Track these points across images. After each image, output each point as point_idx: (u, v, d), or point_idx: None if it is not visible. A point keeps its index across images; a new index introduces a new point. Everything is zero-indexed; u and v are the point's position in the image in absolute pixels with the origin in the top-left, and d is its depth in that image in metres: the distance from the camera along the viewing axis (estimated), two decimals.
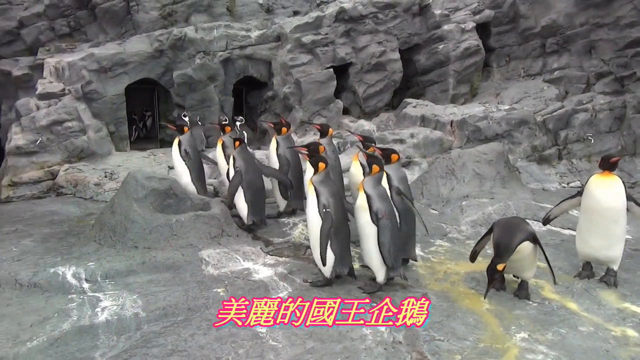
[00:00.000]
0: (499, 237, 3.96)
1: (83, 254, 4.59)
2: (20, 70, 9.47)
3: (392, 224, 4.07)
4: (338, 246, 4.15)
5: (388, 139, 8.79)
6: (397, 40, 10.68)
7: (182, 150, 6.34)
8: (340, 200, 4.26)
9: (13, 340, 3.22)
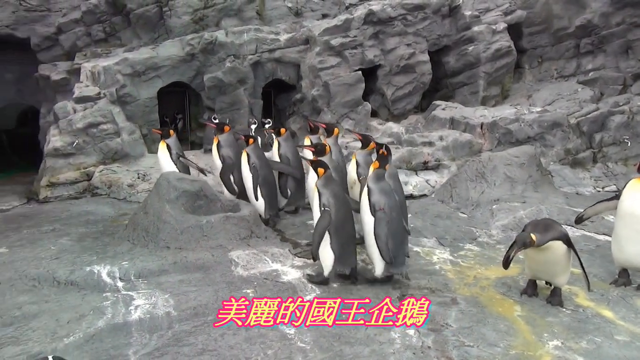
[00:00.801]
0: (532, 230, 3.83)
1: (117, 254, 4.72)
2: (58, 74, 9.78)
3: (391, 218, 4.12)
4: (338, 245, 4.21)
5: (417, 142, 8.73)
6: (426, 42, 10.60)
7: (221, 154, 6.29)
8: (342, 200, 4.33)
9: (51, 336, 3.34)
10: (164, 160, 6.41)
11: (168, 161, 6.40)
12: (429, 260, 4.98)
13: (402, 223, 4.42)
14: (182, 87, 10.08)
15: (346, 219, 4.31)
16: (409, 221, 6.18)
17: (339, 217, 4.22)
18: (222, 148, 6.23)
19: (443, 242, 5.52)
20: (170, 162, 6.41)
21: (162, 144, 6.46)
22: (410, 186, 7.71)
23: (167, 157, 6.40)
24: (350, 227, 4.36)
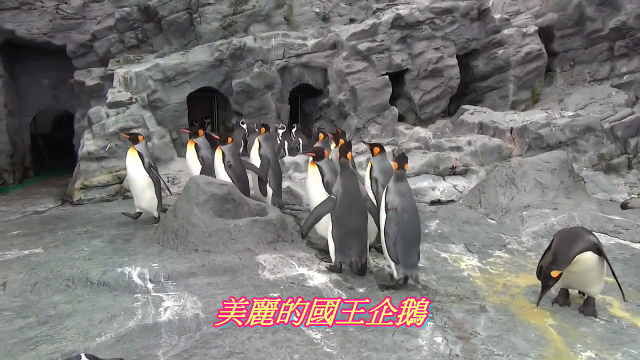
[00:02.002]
0: (558, 244, 3.78)
1: (147, 255, 4.81)
2: (92, 80, 10.07)
3: (402, 219, 4.16)
4: (337, 236, 4.46)
5: (444, 147, 8.64)
6: (455, 46, 10.50)
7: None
8: (351, 194, 4.45)
9: (84, 335, 3.42)
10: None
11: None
12: (456, 267, 4.91)
13: (415, 226, 4.34)
14: (210, 92, 10.25)
15: (350, 212, 4.45)
16: (437, 227, 6.16)
17: (342, 208, 4.42)
18: (201, 150, 6.57)
19: (471, 248, 5.44)
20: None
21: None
22: (437, 191, 7.63)
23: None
24: (355, 222, 4.48)
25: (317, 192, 4.99)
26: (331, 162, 5.09)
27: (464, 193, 7.63)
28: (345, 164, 4.66)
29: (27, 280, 4.31)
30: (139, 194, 6.12)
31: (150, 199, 6.15)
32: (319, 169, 4.99)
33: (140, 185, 6.08)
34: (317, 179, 4.99)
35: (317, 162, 5.04)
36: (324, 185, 4.88)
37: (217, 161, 6.35)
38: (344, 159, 4.68)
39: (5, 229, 6.45)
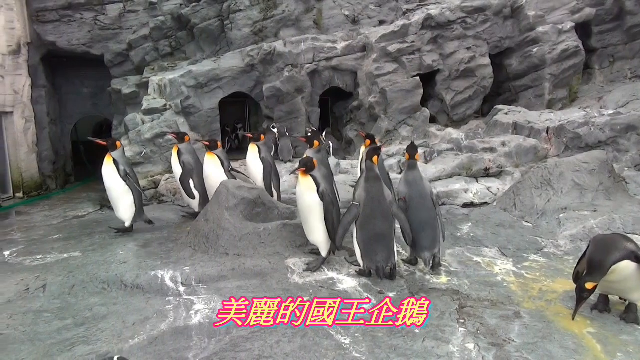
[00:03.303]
0: (593, 253, 3.63)
1: (180, 259, 4.91)
2: (129, 88, 10.37)
3: (410, 207, 4.63)
4: (362, 241, 4.51)
5: (477, 148, 8.47)
6: (487, 45, 10.29)
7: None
8: (374, 199, 4.50)
9: (118, 337, 3.51)
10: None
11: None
12: (490, 272, 4.79)
13: (425, 210, 4.70)
14: (242, 97, 10.37)
15: (374, 217, 4.44)
16: (469, 230, 6.03)
17: (365, 213, 4.43)
18: (183, 155, 6.57)
19: (505, 252, 5.30)
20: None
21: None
22: (470, 194, 7.47)
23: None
24: (379, 226, 4.45)
25: (312, 203, 4.65)
26: (323, 170, 4.92)
27: (498, 195, 7.44)
28: (371, 168, 4.62)
29: (65, 283, 4.46)
30: (115, 202, 5.95)
31: (127, 208, 5.99)
32: (313, 179, 4.66)
33: (116, 193, 5.90)
34: (312, 189, 4.63)
35: (310, 173, 4.71)
36: (319, 195, 4.61)
37: (209, 166, 6.14)
38: (370, 162, 4.65)
39: (48, 233, 6.71)
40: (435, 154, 8.61)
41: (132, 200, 5.99)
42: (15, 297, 4.26)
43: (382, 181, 4.65)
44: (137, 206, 6.08)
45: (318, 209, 4.61)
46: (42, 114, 10.92)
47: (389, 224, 4.52)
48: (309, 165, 4.67)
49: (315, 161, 4.74)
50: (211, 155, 6.10)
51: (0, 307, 4.09)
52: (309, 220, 4.70)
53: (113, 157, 5.85)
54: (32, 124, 10.43)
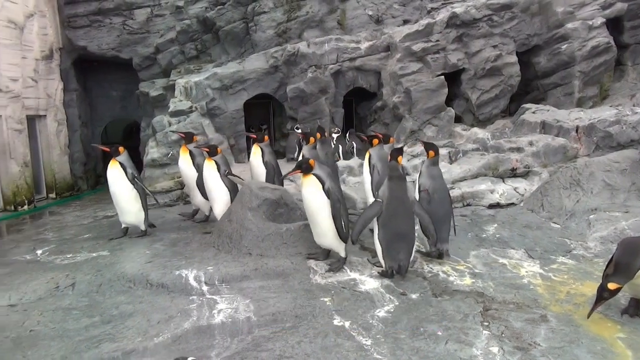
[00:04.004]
0: (620, 255, 3.51)
1: (204, 259, 4.98)
2: (156, 91, 10.58)
3: (432, 199, 4.82)
4: (383, 239, 4.51)
5: (504, 147, 8.31)
6: (514, 43, 10.11)
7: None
8: (397, 198, 4.53)
9: (143, 335, 3.58)
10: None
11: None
12: (516, 274, 4.70)
13: (445, 204, 4.98)
14: (266, 98, 10.45)
15: (396, 216, 4.47)
16: (495, 231, 5.92)
17: (388, 211, 4.46)
18: (196, 157, 6.54)
19: (532, 254, 5.18)
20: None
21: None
22: (496, 194, 7.33)
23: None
24: (401, 225, 4.47)
25: (320, 202, 4.60)
26: (325, 168, 4.84)
27: (525, 196, 7.28)
28: (395, 167, 4.63)
29: (93, 281, 4.58)
30: (124, 207, 5.87)
31: (137, 212, 5.96)
32: (317, 177, 4.61)
33: (125, 198, 5.83)
34: (317, 187, 4.58)
35: (311, 173, 4.64)
36: (325, 193, 4.56)
37: (208, 171, 6.04)
38: (394, 163, 4.65)
39: (78, 232, 6.90)
40: (460, 153, 8.49)
41: (141, 204, 5.99)
42: (46, 295, 4.39)
43: (406, 181, 4.65)
44: (145, 210, 6.07)
45: (326, 208, 4.55)
46: (74, 117, 11.25)
47: (411, 223, 4.55)
48: (304, 167, 4.62)
49: (312, 161, 4.69)
50: (210, 161, 5.98)
51: (32, 304, 4.23)
52: (317, 221, 4.64)
53: (119, 161, 5.78)
54: (64, 126, 10.75)
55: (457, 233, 5.86)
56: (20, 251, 5.96)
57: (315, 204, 4.58)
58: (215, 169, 5.94)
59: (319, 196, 4.54)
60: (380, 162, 5.48)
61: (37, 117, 9.98)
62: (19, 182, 8.93)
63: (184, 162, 6.64)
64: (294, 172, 4.64)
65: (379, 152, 5.63)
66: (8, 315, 4.00)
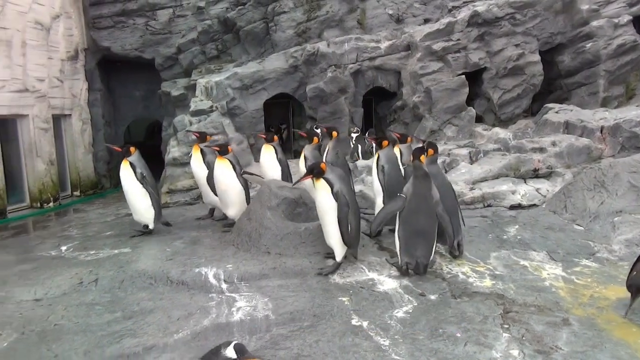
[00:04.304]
0: None
1: (223, 257, 5.02)
2: (177, 90, 10.71)
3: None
4: (402, 235, 4.58)
5: (526, 148, 8.19)
6: (537, 41, 9.95)
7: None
8: (419, 195, 4.57)
9: (163, 331, 3.63)
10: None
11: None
12: (537, 276, 4.62)
13: (450, 200, 5.02)
14: (286, 98, 10.49)
15: (417, 213, 4.50)
16: (516, 232, 5.84)
17: (410, 208, 4.51)
18: (207, 155, 6.54)
19: (554, 256, 5.10)
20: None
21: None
22: (518, 195, 7.23)
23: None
24: (421, 223, 4.51)
25: (328, 205, 4.58)
26: (337, 170, 4.84)
27: (547, 197, 7.16)
28: (419, 166, 4.65)
29: (115, 278, 4.67)
30: (134, 205, 6.03)
31: (145, 210, 6.06)
32: (326, 180, 4.60)
33: (134, 197, 5.99)
34: (326, 190, 4.56)
35: (322, 176, 4.61)
36: (334, 196, 4.54)
37: (220, 170, 5.99)
38: (418, 162, 4.67)
39: (101, 229, 7.04)
40: (481, 154, 8.39)
41: (150, 202, 6.06)
42: (70, 290, 4.49)
43: (432, 180, 4.67)
44: (155, 208, 6.15)
45: (332, 210, 4.54)
46: (98, 116, 11.46)
47: (432, 221, 4.56)
48: (315, 171, 4.59)
49: (324, 165, 4.67)
50: (222, 159, 5.94)
51: (57, 299, 4.33)
52: (324, 223, 4.65)
53: (129, 161, 5.96)
54: (88, 125, 10.96)
55: (477, 234, 5.82)
56: (45, 247, 6.11)
57: (323, 206, 4.60)
58: (230, 167, 5.93)
59: (327, 199, 4.55)
60: (389, 163, 5.57)
61: (63, 116, 10.20)
62: (44, 179, 9.15)
63: (195, 160, 6.71)
64: (305, 178, 4.63)
65: (388, 153, 5.72)
66: (34, 310, 4.10)
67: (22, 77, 8.53)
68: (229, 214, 6.18)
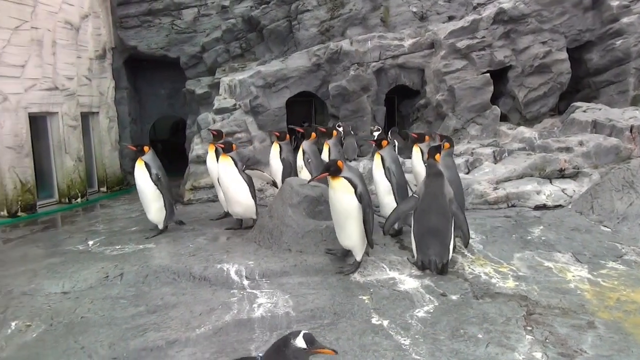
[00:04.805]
0: None
1: (245, 253, 5.08)
2: (201, 89, 10.82)
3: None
4: (417, 234, 4.68)
5: (552, 147, 8.03)
6: (565, 39, 9.74)
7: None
8: (432, 195, 4.60)
9: (186, 326, 3.70)
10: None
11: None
12: (562, 278, 4.55)
13: (459, 196, 5.21)
14: (308, 96, 10.50)
15: (428, 212, 4.56)
16: (541, 233, 5.74)
17: (422, 207, 4.58)
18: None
19: (580, 258, 5.00)
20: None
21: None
22: (543, 196, 7.10)
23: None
24: (433, 221, 4.54)
25: (351, 206, 4.44)
26: (354, 170, 4.70)
27: (573, 198, 7.02)
28: (433, 165, 4.68)
29: (140, 272, 4.76)
30: (146, 205, 6.06)
31: (157, 211, 6.08)
32: (348, 180, 4.41)
33: (147, 197, 6.02)
34: (349, 191, 4.40)
35: (341, 175, 4.43)
36: (358, 197, 4.40)
37: (224, 168, 5.97)
38: (432, 160, 4.71)
39: (127, 225, 7.18)
40: (505, 153, 8.26)
41: (162, 204, 6.08)
42: (96, 284, 4.60)
43: (445, 178, 4.67)
44: (167, 209, 6.16)
45: (357, 212, 4.42)
46: (124, 114, 11.68)
47: (445, 220, 4.54)
48: (332, 169, 4.41)
49: (341, 162, 4.50)
50: (225, 157, 5.92)
51: (83, 292, 4.44)
52: (346, 225, 4.50)
53: (144, 160, 5.97)
54: (115, 123, 11.18)
55: (501, 234, 5.75)
56: (73, 241, 6.27)
57: (345, 207, 4.43)
58: (232, 164, 5.90)
59: (350, 200, 4.39)
60: (394, 164, 5.61)
61: (91, 114, 10.43)
62: (73, 176, 9.38)
63: (209, 159, 6.77)
64: (322, 176, 4.47)
65: (390, 153, 5.74)
66: (61, 302, 4.22)
67: (52, 75, 8.75)
68: (235, 212, 6.15)
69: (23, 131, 8.14)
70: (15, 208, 8.04)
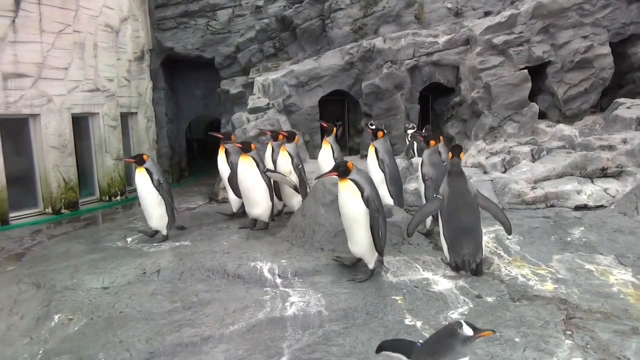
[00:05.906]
0: None
1: (277, 252, 5.11)
2: (236, 88, 10.99)
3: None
4: (448, 234, 4.59)
5: (593, 145, 7.74)
6: (607, 33, 9.38)
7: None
8: (458, 194, 4.55)
9: (220, 323, 3.75)
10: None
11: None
12: (604, 281, 4.38)
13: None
14: (341, 95, 10.50)
15: (458, 211, 4.49)
16: (581, 235, 5.55)
17: (450, 207, 4.50)
18: (231, 155, 6.53)
19: (624, 261, 4.80)
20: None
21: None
22: (584, 195, 6.85)
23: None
24: (464, 219, 4.49)
25: (357, 211, 4.26)
26: (363, 172, 4.50)
27: (616, 198, 6.74)
28: (456, 163, 4.64)
29: (176, 269, 4.87)
30: (148, 212, 5.98)
31: (159, 217, 6.00)
32: (355, 183, 4.24)
33: (149, 203, 5.94)
34: (355, 194, 4.23)
35: (349, 177, 4.27)
36: (364, 201, 4.21)
37: (244, 168, 5.91)
38: (456, 159, 4.66)
39: None
40: (544, 151, 8.02)
41: (164, 210, 6.01)
42: (134, 280, 4.74)
43: (466, 176, 4.68)
44: (169, 215, 6.08)
45: (363, 217, 4.22)
46: (161, 114, 11.98)
47: (475, 217, 4.51)
48: (342, 169, 4.24)
49: (350, 164, 4.31)
50: (246, 157, 5.85)
51: (122, 287, 4.58)
52: (352, 229, 4.34)
53: (145, 167, 5.91)
54: (152, 123, 11.48)
55: (539, 235, 5.59)
56: (112, 238, 6.47)
57: (352, 211, 4.27)
58: (254, 165, 5.85)
59: (357, 204, 4.22)
60: (387, 154, 5.71)
61: (129, 114, 10.73)
62: (113, 174, 9.68)
63: (220, 159, 6.75)
64: (329, 174, 4.34)
65: (384, 145, 5.80)
66: (101, 297, 4.36)
67: (93, 77, 9.05)
68: (253, 213, 6.11)
69: (66, 131, 8.45)
70: (59, 205, 8.37)
